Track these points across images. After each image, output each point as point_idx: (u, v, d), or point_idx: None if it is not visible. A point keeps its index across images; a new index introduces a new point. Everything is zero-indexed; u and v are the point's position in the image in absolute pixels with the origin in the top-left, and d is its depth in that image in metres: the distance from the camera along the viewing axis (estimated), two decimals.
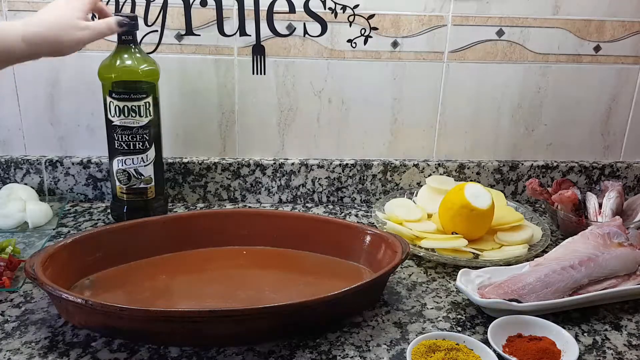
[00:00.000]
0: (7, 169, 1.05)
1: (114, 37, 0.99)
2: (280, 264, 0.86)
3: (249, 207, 1.08)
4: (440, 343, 0.65)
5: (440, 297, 0.79)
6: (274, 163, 1.08)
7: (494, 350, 0.65)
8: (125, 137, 0.91)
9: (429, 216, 0.99)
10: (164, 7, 0.99)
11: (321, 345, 0.68)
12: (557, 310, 0.75)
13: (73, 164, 1.05)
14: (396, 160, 1.11)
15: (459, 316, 0.75)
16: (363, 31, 1.02)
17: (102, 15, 0.78)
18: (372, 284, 0.73)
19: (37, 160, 1.05)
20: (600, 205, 0.99)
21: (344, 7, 1.01)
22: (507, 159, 1.13)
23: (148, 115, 0.91)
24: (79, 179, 1.06)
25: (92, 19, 0.77)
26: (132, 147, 0.92)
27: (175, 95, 1.04)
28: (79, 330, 0.68)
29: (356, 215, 1.06)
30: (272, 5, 0.99)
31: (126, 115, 0.89)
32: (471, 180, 1.11)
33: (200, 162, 1.07)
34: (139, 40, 1.00)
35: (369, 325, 0.72)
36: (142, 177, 0.93)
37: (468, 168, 1.11)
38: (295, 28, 1.01)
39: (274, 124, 1.08)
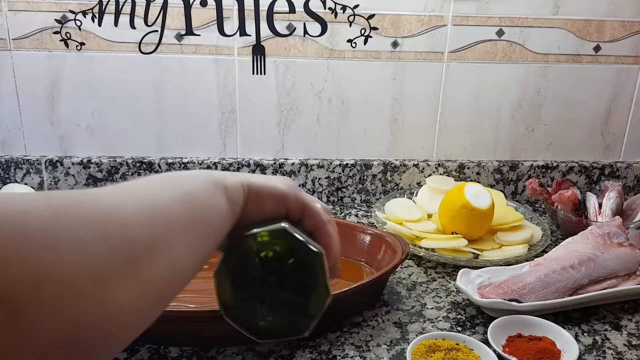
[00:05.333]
0: (7, 169, 1.05)
1: (115, 37, 1.00)
2: None
3: None
4: (440, 343, 0.65)
5: (440, 297, 0.79)
6: (274, 163, 1.08)
7: (494, 350, 0.65)
8: None
9: (429, 216, 0.99)
10: (164, 7, 0.99)
11: (321, 345, 0.68)
12: (557, 310, 0.75)
13: (73, 164, 1.05)
14: (396, 160, 1.11)
15: (459, 316, 0.75)
16: (363, 31, 1.02)
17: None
18: (372, 284, 0.73)
19: (37, 160, 1.05)
20: (600, 205, 0.99)
21: (344, 7, 1.01)
22: (507, 159, 1.13)
23: None
24: (79, 179, 1.06)
25: None
26: None
27: (175, 95, 1.04)
28: None
29: (356, 215, 1.06)
30: (272, 5, 0.99)
31: None
32: (471, 180, 1.11)
33: (200, 162, 1.07)
34: (139, 39, 1.00)
35: (369, 325, 0.72)
36: None
37: (468, 168, 1.11)
38: (295, 28, 1.01)
39: (274, 124, 1.07)
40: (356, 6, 1.01)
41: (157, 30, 1.00)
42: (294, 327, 0.42)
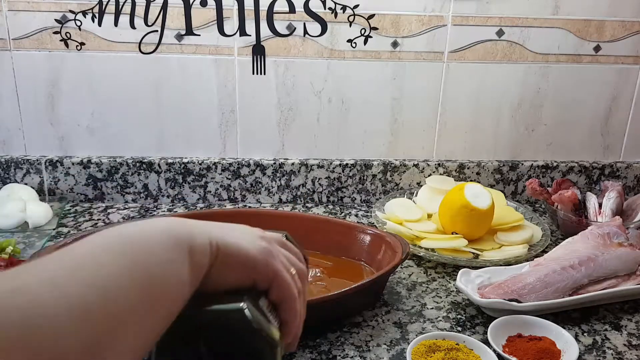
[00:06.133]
0: (7, 169, 1.05)
1: (115, 37, 1.00)
2: None
3: (249, 207, 1.08)
4: (440, 343, 0.65)
5: (440, 297, 0.79)
6: (274, 163, 1.08)
7: (494, 350, 0.65)
8: None
9: (429, 216, 0.99)
10: (164, 7, 0.99)
11: (321, 345, 0.68)
12: (557, 310, 0.75)
13: (73, 164, 1.05)
14: (396, 160, 1.11)
15: (459, 316, 0.75)
16: (363, 31, 1.02)
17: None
18: (372, 284, 0.73)
19: (37, 160, 1.05)
20: (600, 205, 0.99)
21: (344, 7, 1.01)
22: (507, 159, 1.13)
23: None
24: (79, 179, 1.06)
25: None
26: None
27: (175, 95, 1.04)
28: None
29: (356, 215, 1.06)
30: (272, 5, 0.99)
31: None
32: (471, 180, 1.11)
33: (200, 162, 1.07)
34: (139, 39, 1.00)
35: (369, 325, 0.72)
36: None
37: (468, 168, 1.11)
38: (295, 28, 1.01)
39: (274, 124, 1.07)
40: (356, 6, 1.01)
41: (157, 30, 1.00)
42: None
